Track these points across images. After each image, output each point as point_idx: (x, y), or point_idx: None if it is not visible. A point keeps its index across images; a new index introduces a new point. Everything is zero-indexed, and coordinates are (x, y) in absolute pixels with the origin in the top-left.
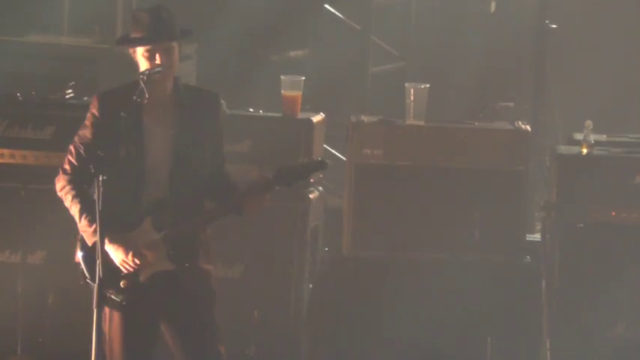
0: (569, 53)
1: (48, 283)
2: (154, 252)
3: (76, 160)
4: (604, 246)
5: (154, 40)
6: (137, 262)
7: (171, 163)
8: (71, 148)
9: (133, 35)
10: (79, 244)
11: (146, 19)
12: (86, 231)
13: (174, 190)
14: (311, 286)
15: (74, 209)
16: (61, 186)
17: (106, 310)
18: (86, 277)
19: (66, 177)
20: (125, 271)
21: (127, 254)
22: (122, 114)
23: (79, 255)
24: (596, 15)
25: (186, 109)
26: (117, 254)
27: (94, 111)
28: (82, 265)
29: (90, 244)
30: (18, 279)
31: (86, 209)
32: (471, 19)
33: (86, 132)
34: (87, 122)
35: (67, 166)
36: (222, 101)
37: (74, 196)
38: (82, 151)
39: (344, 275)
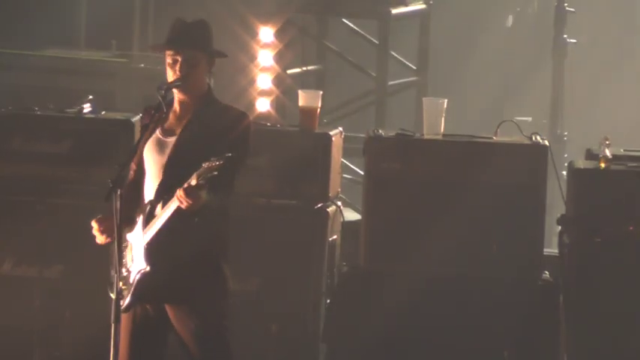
0: (587, 67)
1: (65, 298)
2: (136, 251)
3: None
4: (621, 261)
5: (170, 44)
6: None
7: (164, 164)
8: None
9: (168, 37)
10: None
11: (178, 27)
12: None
13: (162, 189)
14: (328, 300)
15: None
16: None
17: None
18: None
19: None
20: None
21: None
22: (145, 124)
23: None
24: (613, 29)
25: (199, 120)
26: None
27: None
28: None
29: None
30: (35, 293)
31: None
32: (488, 33)
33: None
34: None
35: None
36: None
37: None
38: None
39: (361, 289)
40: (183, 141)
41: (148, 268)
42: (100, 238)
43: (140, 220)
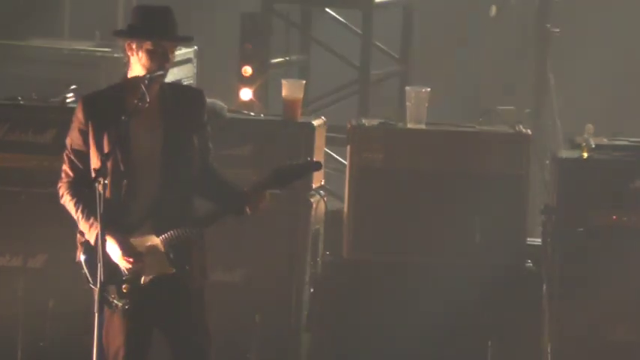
0: (571, 57)
1: (49, 287)
2: (154, 255)
3: (70, 166)
4: (605, 250)
5: (164, 37)
6: (133, 260)
7: (161, 163)
8: (64, 155)
9: (145, 28)
10: (81, 247)
11: (158, 16)
12: (86, 231)
13: (167, 190)
14: (312, 289)
15: (74, 212)
16: (61, 194)
17: (107, 312)
18: (89, 281)
19: (63, 184)
20: (125, 270)
21: (124, 251)
22: (123, 118)
23: (82, 258)
24: (597, 18)
25: (171, 109)
26: (115, 251)
27: (80, 115)
28: (85, 269)
29: (92, 242)
30: (19, 283)
31: (85, 210)
32: (471, 22)
33: (74, 137)
34: (74, 127)
35: (62, 174)
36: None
37: (74, 202)
38: (73, 157)
39: (345, 279)
40: (169, 136)
41: (171, 269)
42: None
43: (148, 222)
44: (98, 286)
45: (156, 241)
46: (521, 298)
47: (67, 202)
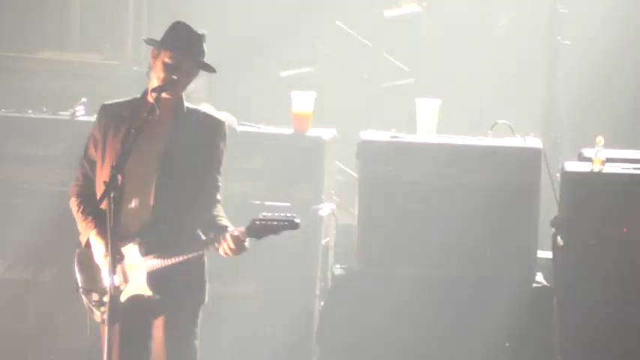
0: (581, 69)
1: (59, 300)
2: (135, 274)
3: (81, 171)
4: (615, 262)
5: (186, 53)
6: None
7: (156, 181)
8: (81, 158)
9: (169, 40)
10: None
11: (186, 34)
12: (82, 230)
13: (159, 210)
14: (322, 302)
15: (75, 212)
16: (69, 196)
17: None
18: (78, 287)
19: (73, 187)
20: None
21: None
22: (132, 131)
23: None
24: (607, 31)
25: (182, 129)
26: (99, 250)
27: (95, 122)
28: (77, 274)
29: (83, 244)
30: (29, 296)
31: (85, 211)
32: (481, 34)
33: (89, 143)
34: (90, 133)
35: (75, 177)
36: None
37: (77, 203)
38: (85, 163)
39: (355, 291)
40: (173, 146)
41: (152, 295)
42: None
43: (136, 241)
44: (108, 298)
45: (139, 260)
46: (531, 311)
47: (72, 203)
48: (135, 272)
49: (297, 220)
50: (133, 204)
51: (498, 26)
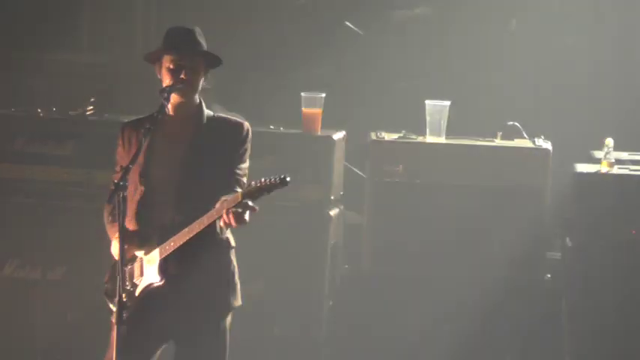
0: (590, 70)
1: (67, 299)
2: (150, 266)
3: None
4: (624, 264)
5: (179, 49)
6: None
7: (178, 182)
8: (112, 178)
9: (168, 43)
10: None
11: (178, 34)
12: (112, 240)
13: (180, 212)
14: (331, 302)
15: (111, 236)
16: (105, 216)
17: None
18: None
19: (108, 206)
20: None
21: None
22: (147, 126)
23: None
24: (616, 31)
25: (204, 133)
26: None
27: (119, 141)
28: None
29: (113, 253)
30: (37, 295)
31: (113, 222)
32: (491, 36)
33: (116, 162)
34: (118, 143)
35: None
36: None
37: (111, 223)
38: (114, 176)
39: (364, 292)
40: (195, 151)
41: (160, 282)
42: None
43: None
44: (117, 298)
45: (156, 254)
46: (540, 312)
47: (107, 224)
48: (150, 264)
49: (287, 178)
50: (156, 208)
51: (509, 27)
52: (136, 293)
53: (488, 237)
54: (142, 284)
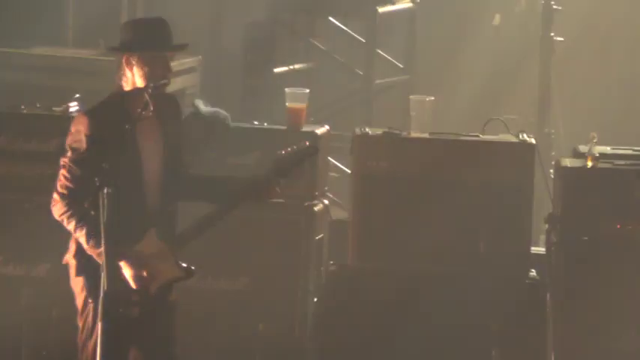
0: (574, 65)
1: (52, 296)
2: (162, 262)
3: (72, 182)
4: (609, 259)
5: (167, 48)
6: (149, 274)
7: (162, 173)
8: (64, 171)
9: (146, 40)
10: (75, 264)
11: (157, 27)
12: (95, 252)
13: (165, 196)
14: (316, 299)
15: (79, 233)
16: (61, 211)
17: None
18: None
19: (64, 201)
20: (136, 286)
21: (140, 270)
22: (127, 126)
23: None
24: (600, 27)
25: (164, 118)
26: (129, 271)
27: (84, 129)
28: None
29: (101, 263)
30: (22, 292)
31: (92, 231)
32: (475, 31)
33: (79, 152)
34: (77, 142)
35: (63, 191)
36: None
37: (78, 220)
38: (76, 172)
39: (349, 287)
40: (167, 147)
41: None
42: None
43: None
44: (101, 294)
45: (163, 247)
46: (525, 307)
47: (68, 219)
48: (160, 260)
49: (317, 145)
50: (148, 199)
51: (492, 23)
52: (151, 290)
53: (472, 232)
54: (158, 280)
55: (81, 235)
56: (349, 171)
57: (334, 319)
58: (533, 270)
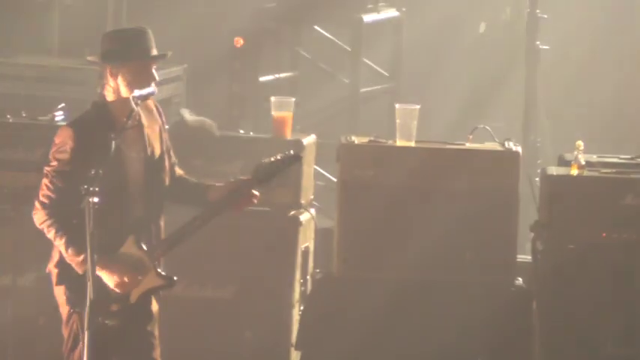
0: (560, 73)
1: (39, 305)
2: (142, 271)
3: (54, 192)
4: (594, 267)
5: (153, 57)
6: (130, 282)
7: (145, 182)
8: (46, 180)
9: (128, 50)
10: (57, 272)
11: (147, 37)
12: (74, 260)
13: (148, 206)
14: (302, 307)
15: (59, 241)
16: (42, 220)
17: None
18: (73, 306)
19: (45, 210)
20: (117, 294)
21: (121, 277)
22: (112, 135)
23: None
24: (586, 36)
25: (148, 127)
26: (110, 278)
27: (69, 142)
28: (67, 294)
29: (81, 272)
30: (8, 301)
31: (72, 239)
32: (461, 39)
33: (62, 163)
34: (61, 154)
35: (44, 200)
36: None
37: (58, 229)
38: (58, 183)
39: (335, 296)
40: (151, 156)
41: (167, 282)
42: None
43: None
44: (87, 303)
45: (141, 255)
46: (511, 315)
47: (48, 227)
48: (139, 268)
49: (300, 154)
50: (131, 208)
51: (478, 32)
52: (131, 299)
53: (459, 240)
54: (138, 289)
55: (60, 244)
56: (335, 179)
57: (320, 328)
58: (519, 278)
